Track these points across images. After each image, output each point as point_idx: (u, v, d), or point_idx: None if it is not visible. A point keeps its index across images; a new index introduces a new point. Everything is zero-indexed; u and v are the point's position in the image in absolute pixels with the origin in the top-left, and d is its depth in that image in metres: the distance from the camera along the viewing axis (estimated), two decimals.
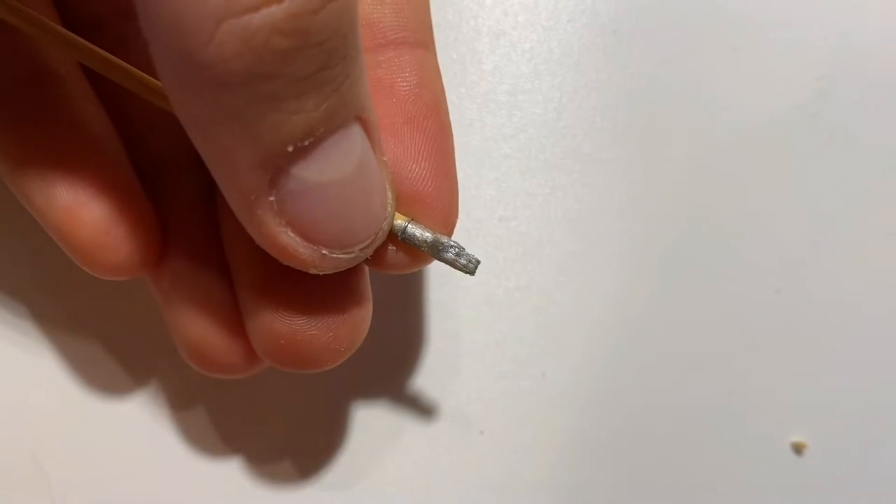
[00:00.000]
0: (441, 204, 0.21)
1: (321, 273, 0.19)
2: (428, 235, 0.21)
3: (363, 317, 0.22)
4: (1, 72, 0.22)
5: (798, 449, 0.31)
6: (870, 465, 0.31)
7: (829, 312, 0.32)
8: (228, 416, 0.30)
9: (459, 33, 0.33)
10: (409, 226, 0.21)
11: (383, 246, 0.20)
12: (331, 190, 0.17)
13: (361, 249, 0.19)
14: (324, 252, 0.18)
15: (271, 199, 0.17)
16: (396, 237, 0.21)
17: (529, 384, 0.31)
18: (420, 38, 0.22)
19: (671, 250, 0.32)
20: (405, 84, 0.22)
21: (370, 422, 0.31)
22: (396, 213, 0.21)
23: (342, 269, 0.19)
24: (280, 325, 0.21)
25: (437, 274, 0.31)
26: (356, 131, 0.17)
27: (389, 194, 0.19)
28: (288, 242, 0.18)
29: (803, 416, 0.31)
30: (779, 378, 0.32)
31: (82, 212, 0.21)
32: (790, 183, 0.33)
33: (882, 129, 0.33)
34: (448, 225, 0.22)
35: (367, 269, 0.22)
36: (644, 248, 0.32)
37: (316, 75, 0.15)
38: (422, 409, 0.31)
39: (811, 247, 0.32)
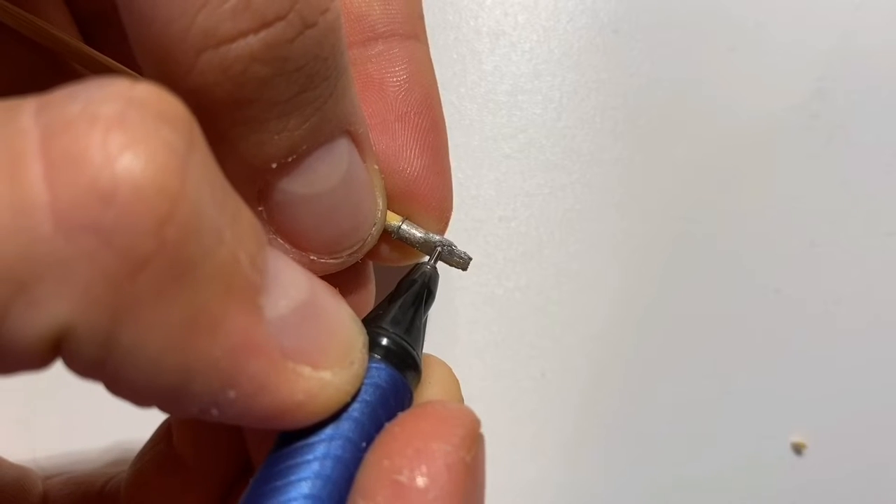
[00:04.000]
0: (435, 200, 0.22)
1: None
2: (420, 235, 0.21)
3: (366, 298, 0.23)
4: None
5: (798, 449, 0.31)
6: (870, 465, 0.31)
7: (829, 312, 0.32)
8: None
9: (459, 33, 0.33)
10: (403, 226, 0.21)
11: (377, 245, 0.21)
12: (317, 201, 0.18)
13: (350, 254, 0.19)
14: (312, 258, 0.19)
15: (260, 209, 0.18)
16: (390, 236, 0.21)
17: (529, 384, 0.31)
18: (409, 29, 0.23)
19: (671, 250, 0.32)
20: (395, 80, 0.22)
21: None
22: (390, 213, 0.21)
23: (331, 272, 0.19)
24: None
25: None
26: (342, 144, 0.18)
27: (380, 201, 0.20)
28: (277, 249, 0.18)
29: (803, 416, 0.31)
30: (779, 378, 0.32)
31: None
32: (790, 183, 0.33)
33: (881, 130, 0.33)
34: (442, 220, 0.22)
35: None
36: (644, 247, 0.32)
37: (296, 98, 0.16)
38: None
39: (810, 246, 0.32)
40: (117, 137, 0.12)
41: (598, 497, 0.31)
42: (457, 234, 0.32)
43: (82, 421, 0.30)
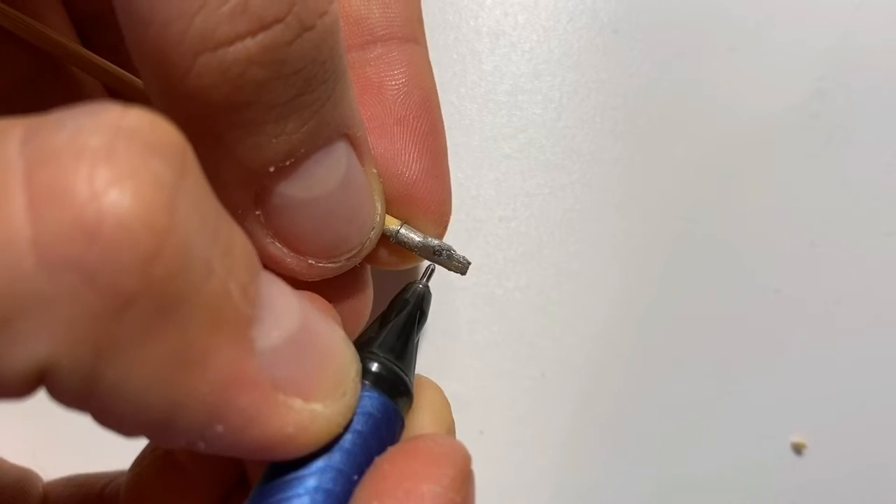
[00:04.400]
0: (433, 204, 0.22)
1: (309, 280, 0.19)
2: (419, 239, 0.21)
3: (364, 302, 0.23)
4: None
5: (798, 449, 0.31)
6: (870, 465, 0.31)
7: (829, 312, 0.32)
8: None
9: (459, 33, 0.33)
10: (402, 230, 0.21)
11: (375, 249, 0.21)
12: (315, 205, 0.18)
13: (348, 259, 0.19)
14: (310, 262, 0.19)
15: (257, 213, 0.17)
16: (389, 240, 0.21)
17: (529, 384, 0.31)
18: (409, 32, 0.23)
19: (671, 250, 0.32)
20: (394, 83, 0.22)
21: None
22: (389, 217, 0.21)
23: (330, 277, 0.19)
24: None
25: (436, 274, 0.31)
26: (340, 147, 0.18)
27: (378, 205, 0.20)
28: (275, 253, 0.18)
29: (803, 416, 0.31)
30: (779, 378, 0.32)
31: None
32: (789, 183, 0.33)
33: (881, 130, 0.33)
34: (441, 224, 0.22)
35: None
36: (644, 248, 0.32)
37: (294, 101, 0.16)
38: None
39: (810, 246, 0.32)
40: (103, 172, 0.12)
41: (598, 497, 0.31)
42: (457, 234, 0.32)
43: (83, 422, 0.30)
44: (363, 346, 0.19)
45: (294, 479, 0.16)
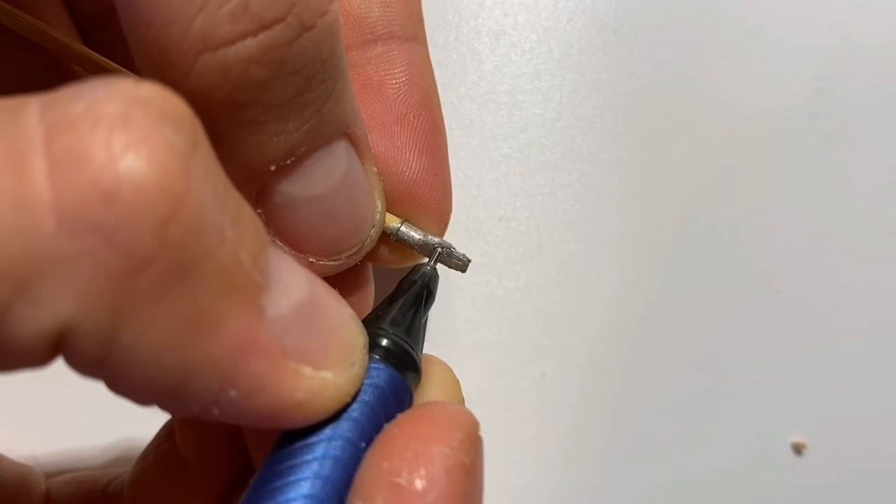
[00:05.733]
0: (434, 202, 0.22)
1: None
2: (419, 237, 0.21)
3: (365, 300, 0.23)
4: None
5: (798, 449, 0.31)
6: (870, 465, 0.31)
7: (829, 312, 0.32)
8: None
9: (459, 33, 0.33)
10: (402, 228, 0.21)
11: (376, 247, 0.21)
12: (316, 203, 0.18)
13: (349, 256, 0.20)
14: (311, 260, 0.19)
15: (259, 211, 0.18)
16: (389, 238, 0.21)
17: (529, 384, 0.31)
18: (409, 31, 0.23)
19: (671, 250, 0.32)
20: (395, 82, 0.22)
21: None
22: (389, 215, 0.21)
23: (330, 274, 0.19)
24: None
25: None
26: (341, 147, 0.18)
27: (378, 203, 0.20)
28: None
29: (803, 416, 0.31)
30: (779, 378, 0.32)
31: None
32: (790, 183, 0.33)
33: (881, 130, 0.33)
34: (441, 222, 0.22)
35: None
36: (644, 248, 0.32)
37: (295, 100, 0.16)
38: None
39: (811, 247, 0.32)
40: (121, 137, 0.12)
41: (598, 497, 0.31)
42: (457, 234, 0.32)
43: (86, 420, 0.30)
44: (371, 322, 0.19)
45: (302, 447, 0.16)
